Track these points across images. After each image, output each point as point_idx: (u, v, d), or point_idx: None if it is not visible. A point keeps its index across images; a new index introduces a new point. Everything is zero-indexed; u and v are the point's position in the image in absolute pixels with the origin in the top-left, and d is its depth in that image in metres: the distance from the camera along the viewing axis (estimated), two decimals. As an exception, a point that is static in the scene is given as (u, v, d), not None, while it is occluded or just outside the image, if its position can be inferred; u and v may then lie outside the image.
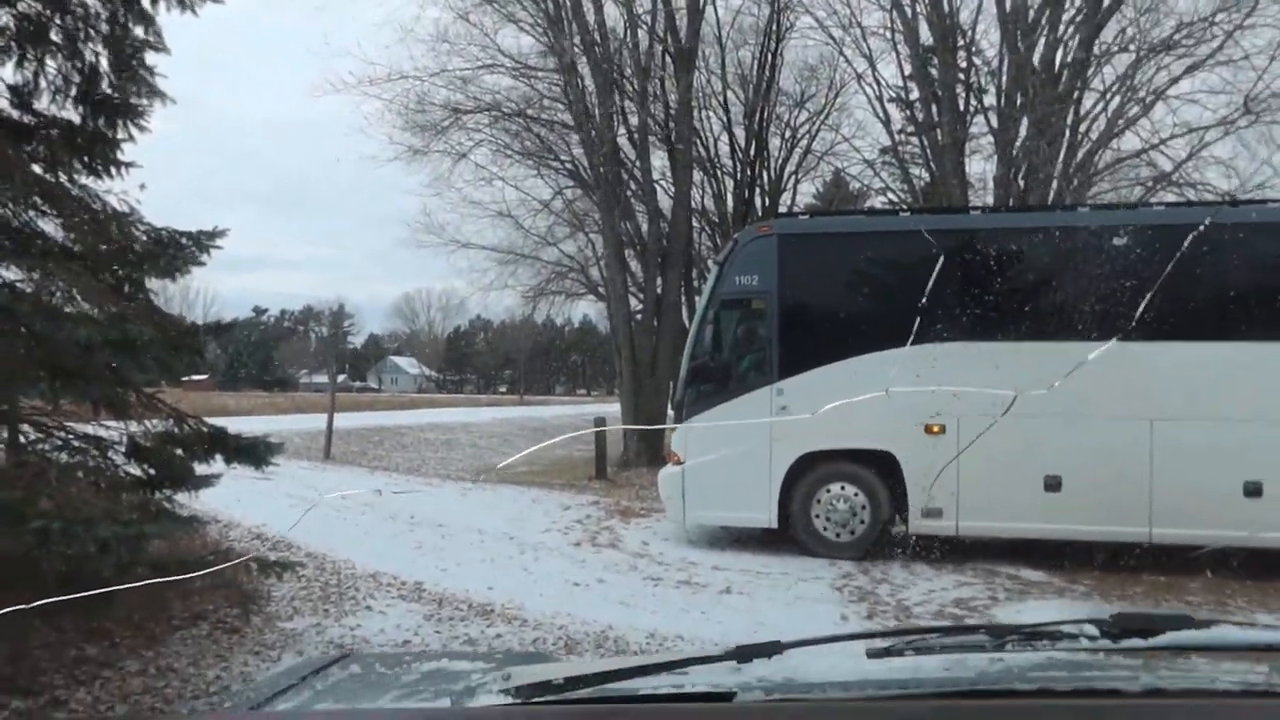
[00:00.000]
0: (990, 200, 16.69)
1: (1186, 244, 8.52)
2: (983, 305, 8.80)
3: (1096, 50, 15.93)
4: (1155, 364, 8.42)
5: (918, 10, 17.15)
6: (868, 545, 9.18)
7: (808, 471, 9.33)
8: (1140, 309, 8.66)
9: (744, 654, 1.35)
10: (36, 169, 5.33)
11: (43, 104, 5.49)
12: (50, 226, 5.46)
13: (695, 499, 9.57)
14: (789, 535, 9.42)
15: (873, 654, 1.39)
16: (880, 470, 9.16)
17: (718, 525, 10.18)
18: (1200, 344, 8.40)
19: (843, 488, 9.29)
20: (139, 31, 5.43)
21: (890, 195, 21.00)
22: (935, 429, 8.85)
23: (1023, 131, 16.08)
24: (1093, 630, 1.39)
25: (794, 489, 9.32)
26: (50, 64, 5.39)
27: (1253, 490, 8.23)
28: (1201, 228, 8.46)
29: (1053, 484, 8.66)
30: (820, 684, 1.31)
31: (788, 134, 21.21)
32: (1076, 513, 8.56)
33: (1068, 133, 16.32)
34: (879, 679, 1.29)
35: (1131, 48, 15.72)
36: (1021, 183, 16.08)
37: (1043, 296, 8.82)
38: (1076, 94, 16.20)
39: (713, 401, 9.52)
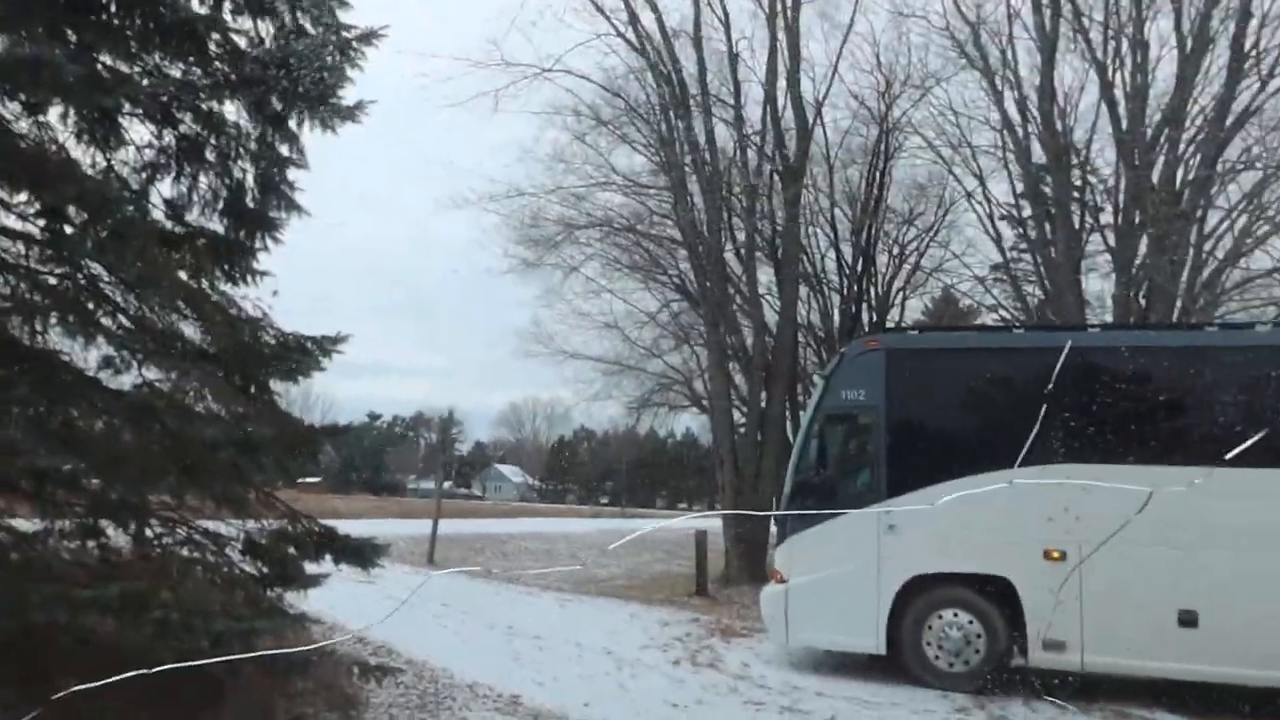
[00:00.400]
0: (1108, 319, 16.17)
1: None
2: (1100, 425, 8.44)
3: (1220, 168, 15.53)
4: None
5: (1030, 130, 17.10)
6: (983, 678, 8.64)
7: (919, 595, 8.90)
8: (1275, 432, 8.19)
9: None
10: (182, 275, 5.68)
11: (193, 215, 5.90)
12: (189, 329, 5.80)
13: (799, 620, 9.22)
14: (898, 663, 8.96)
15: None
16: (997, 597, 8.68)
17: (822, 649, 9.77)
18: None
19: (956, 614, 8.82)
20: (284, 149, 5.82)
21: (1002, 312, 20.58)
22: (1055, 554, 8.42)
23: (1142, 249, 15.65)
24: None
25: (904, 613, 8.89)
26: (202, 179, 5.81)
27: None
28: None
29: (1187, 619, 8.05)
30: None
31: (895, 250, 21.14)
32: (1215, 652, 7.91)
33: (1191, 251, 15.81)
34: None
35: (1258, 165, 15.27)
36: (1143, 301, 15.57)
37: (1163, 418, 8.43)
38: (1200, 212, 15.74)
39: (818, 519, 9.25)
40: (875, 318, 20.48)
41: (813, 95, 18.79)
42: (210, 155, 5.72)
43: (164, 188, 5.82)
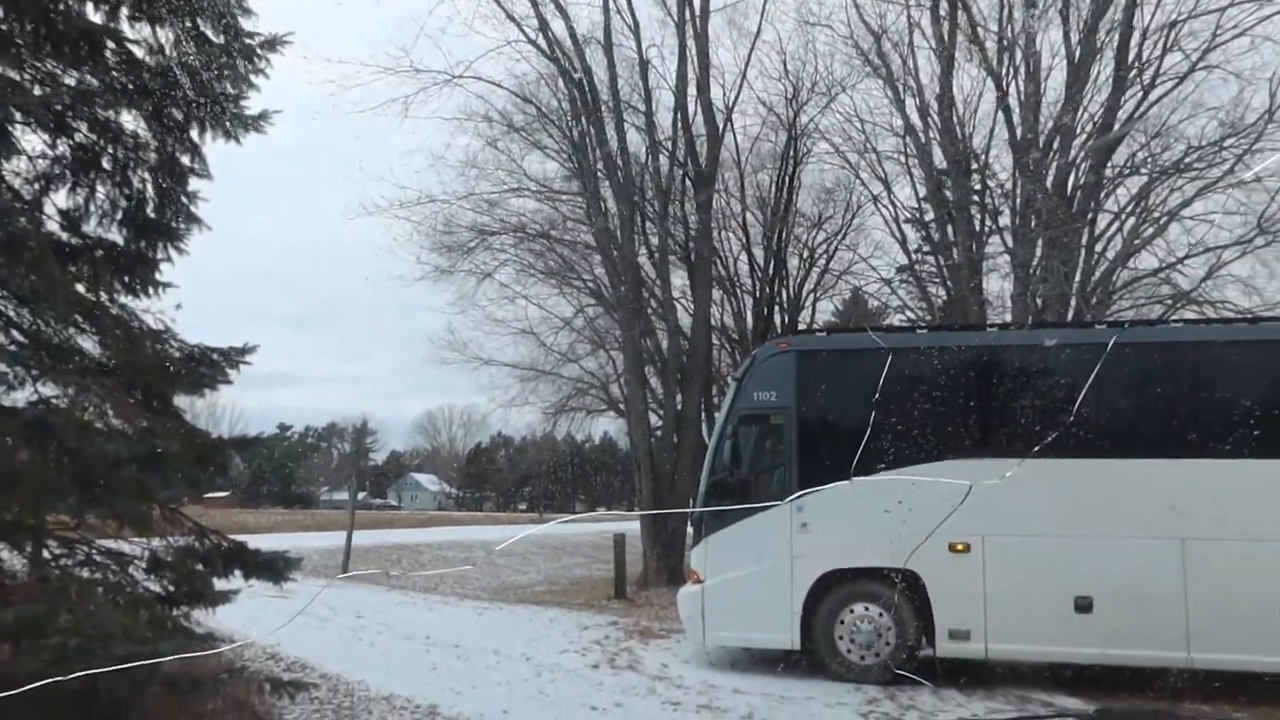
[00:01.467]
0: (1008, 318, 16.81)
1: (1212, 360, 8.69)
2: (1003, 422, 8.81)
3: (1109, 173, 16.29)
4: (1186, 481, 8.36)
5: (930, 136, 17.65)
6: (894, 669, 8.90)
7: (830, 591, 9.14)
8: (1168, 425, 8.67)
9: None
10: (80, 288, 5.52)
11: (90, 226, 5.74)
12: (88, 343, 5.63)
13: (715, 619, 9.37)
14: (812, 658, 9.19)
15: None
16: (906, 590, 8.95)
17: (739, 646, 9.94)
18: (1234, 461, 8.26)
19: (867, 608, 9.05)
20: (185, 160, 5.70)
21: (908, 313, 21.22)
22: (960, 547, 8.73)
23: (1038, 251, 16.30)
24: None
25: (817, 609, 9.11)
26: (100, 190, 5.66)
27: None
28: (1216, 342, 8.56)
29: (1084, 605, 8.44)
30: None
31: (805, 254, 21.64)
32: (1110, 635, 8.29)
33: (1083, 252, 16.54)
34: None
35: (1143, 170, 16.07)
36: (1038, 301, 16.21)
37: (1064, 413, 8.80)
38: (1091, 215, 16.47)
39: (732, 519, 9.42)
40: (787, 319, 20.91)
41: (723, 101, 19.16)
42: (107, 165, 5.57)
43: (59, 198, 5.65)
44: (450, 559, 23.21)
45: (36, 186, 5.45)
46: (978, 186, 18.68)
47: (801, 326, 20.28)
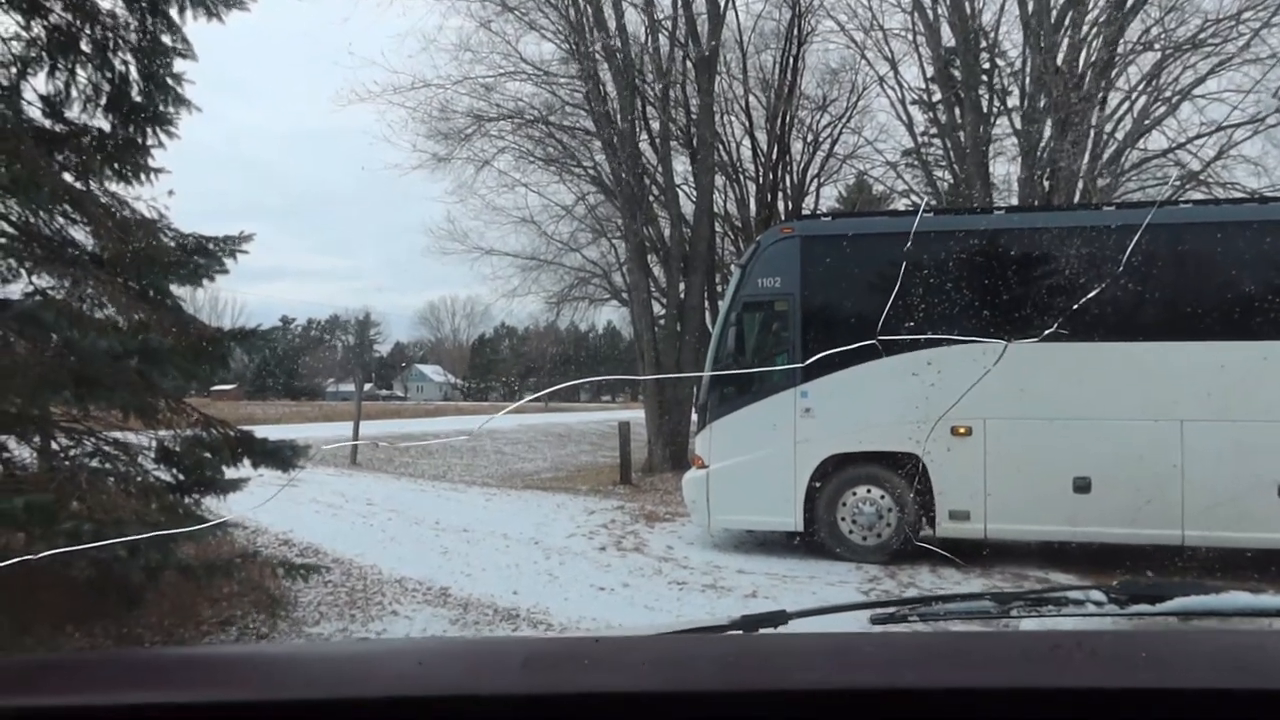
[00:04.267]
0: (1015, 201, 16.56)
1: (1211, 242, 8.58)
2: (1006, 305, 8.75)
3: (1121, 49, 15.77)
4: (1185, 364, 8.37)
5: (939, 13, 17.08)
6: (894, 549, 9.10)
7: (833, 474, 9.26)
8: (1167, 308, 8.62)
9: (749, 623, 1.35)
10: (67, 177, 5.40)
11: (74, 113, 5.57)
12: (81, 234, 5.54)
13: (720, 503, 9.52)
14: (815, 539, 9.38)
15: (877, 621, 1.40)
16: (906, 473, 9.07)
17: (743, 529, 10.14)
18: (1229, 343, 8.29)
19: (869, 491, 9.20)
20: (166, 39, 5.49)
21: (914, 197, 20.93)
22: (962, 431, 8.79)
23: (1047, 132, 15.94)
24: (1100, 596, 1.36)
25: (819, 492, 9.26)
26: (81, 73, 5.47)
27: None
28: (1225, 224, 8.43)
29: (1082, 486, 8.55)
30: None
31: (810, 138, 21.16)
32: (1107, 515, 8.43)
33: (1093, 133, 16.17)
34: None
35: (1156, 46, 15.55)
36: (1046, 184, 15.94)
37: (1067, 297, 8.73)
38: (1101, 94, 16.04)
39: (737, 405, 9.51)
40: (791, 205, 20.61)
41: (724, -23, 18.39)
42: (86, 47, 5.36)
43: (38, 83, 5.47)
44: (457, 447, 23.54)
45: (12, 71, 5.26)
46: (986, 65, 18.17)
47: (805, 212, 20.00)
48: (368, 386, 64.76)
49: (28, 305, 4.88)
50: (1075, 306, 8.28)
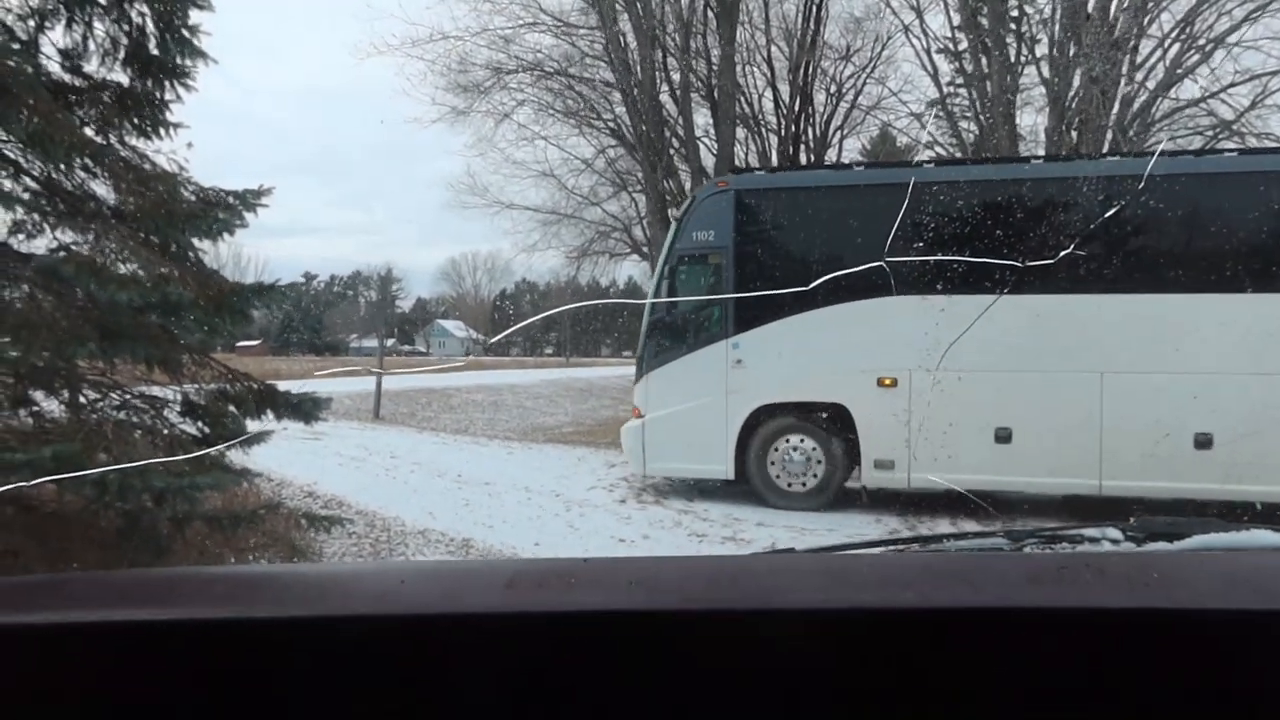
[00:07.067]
0: (1041, 152, 16.28)
1: (1130, 196, 8.62)
2: (934, 258, 8.75)
3: (1155, -6, 15.36)
4: (1105, 317, 8.49)
5: (967, -44, 16.67)
6: (825, 497, 9.43)
7: (763, 424, 9.55)
8: (1087, 262, 8.60)
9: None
10: (88, 131, 5.40)
11: (92, 66, 5.56)
12: (102, 188, 5.56)
13: (655, 451, 9.84)
14: (746, 486, 9.68)
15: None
16: (835, 423, 9.33)
17: (676, 477, 10.44)
18: (1147, 296, 8.42)
19: (798, 439, 9.47)
20: (182, -11, 5.45)
21: (938, 149, 20.58)
22: (888, 382, 9.00)
23: (1075, 82, 15.61)
24: (1116, 534, 1.35)
25: (750, 441, 9.56)
26: (99, 26, 5.45)
27: (1203, 443, 8.26)
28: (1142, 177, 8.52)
29: (1003, 436, 8.72)
30: None
31: (833, 89, 20.81)
32: (1028, 465, 8.62)
33: (1123, 82, 15.82)
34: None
35: (1191, -10, 15.15)
36: (1074, 135, 15.64)
37: (993, 250, 8.74)
38: (1133, 41, 15.66)
39: (671, 356, 9.81)
40: (813, 158, 20.36)
41: (747, -77, 18.02)
42: (102, -1, 5.34)
43: (56, 36, 5.45)
44: (479, 402, 23.69)
45: (30, 24, 5.25)
46: (1014, 12, 17.76)
47: (743, 167, 19.74)
48: (390, 342, 65.13)
49: (49, 260, 4.93)
50: (1001, 261, 8.34)
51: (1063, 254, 8.20)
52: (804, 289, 8.40)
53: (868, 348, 8.86)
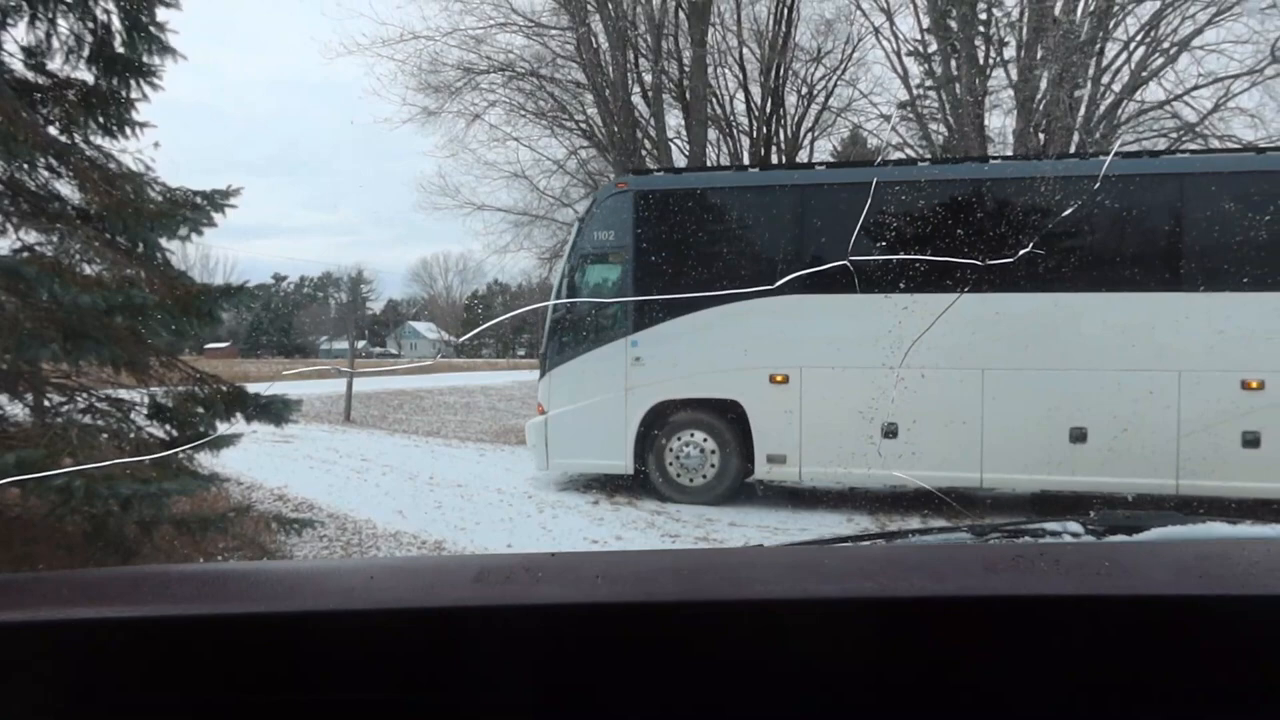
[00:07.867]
0: (1009, 154, 16.46)
1: (1004, 198, 8.91)
2: (826, 260, 8.88)
3: (1119, -1, 15.59)
4: (984, 314, 8.60)
5: (936, -39, 16.81)
6: (722, 491, 9.61)
7: (661, 420, 9.74)
8: (966, 261, 8.76)
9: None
10: (52, 130, 5.33)
11: (56, 64, 5.49)
12: (66, 188, 5.48)
13: (557, 446, 10.01)
14: (644, 481, 9.85)
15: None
16: (729, 418, 9.50)
17: (577, 472, 10.64)
18: (1027, 295, 8.63)
19: (694, 435, 9.66)
20: (147, -13, 5.39)
21: (908, 151, 20.75)
22: (779, 379, 9.21)
23: (1043, 85, 15.80)
24: (1077, 528, 1.37)
25: (648, 436, 9.74)
26: (62, 23, 5.38)
27: (1078, 437, 8.52)
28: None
29: (890, 431, 8.89)
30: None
31: (804, 90, 20.93)
32: (913, 459, 8.78)
33: (1089, 84, 16.03)
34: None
35: (1155, -5, 15.39)
36: (1041, 136, 15.83)
37: (883, 251, 8.90)
38: (1099, 45, 15.88)
39: (574, 354, 9.98)
40: (785, 159, 20.45)
41: (718, -75, 18.07)
42: (66, -5, 5.27)
43: (18, 34, 5.37)
44: (451, 404, 23.57)
45: (-8, 21, 5.17)
46: (983, 15, 17.93)
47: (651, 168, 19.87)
48: (361, 344, 64.70)
49: (12, 260, 4.85)
50: (886, 259, 8.52)
51: (940, 254, 8.41)
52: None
53: (761, 346, 9.08)
